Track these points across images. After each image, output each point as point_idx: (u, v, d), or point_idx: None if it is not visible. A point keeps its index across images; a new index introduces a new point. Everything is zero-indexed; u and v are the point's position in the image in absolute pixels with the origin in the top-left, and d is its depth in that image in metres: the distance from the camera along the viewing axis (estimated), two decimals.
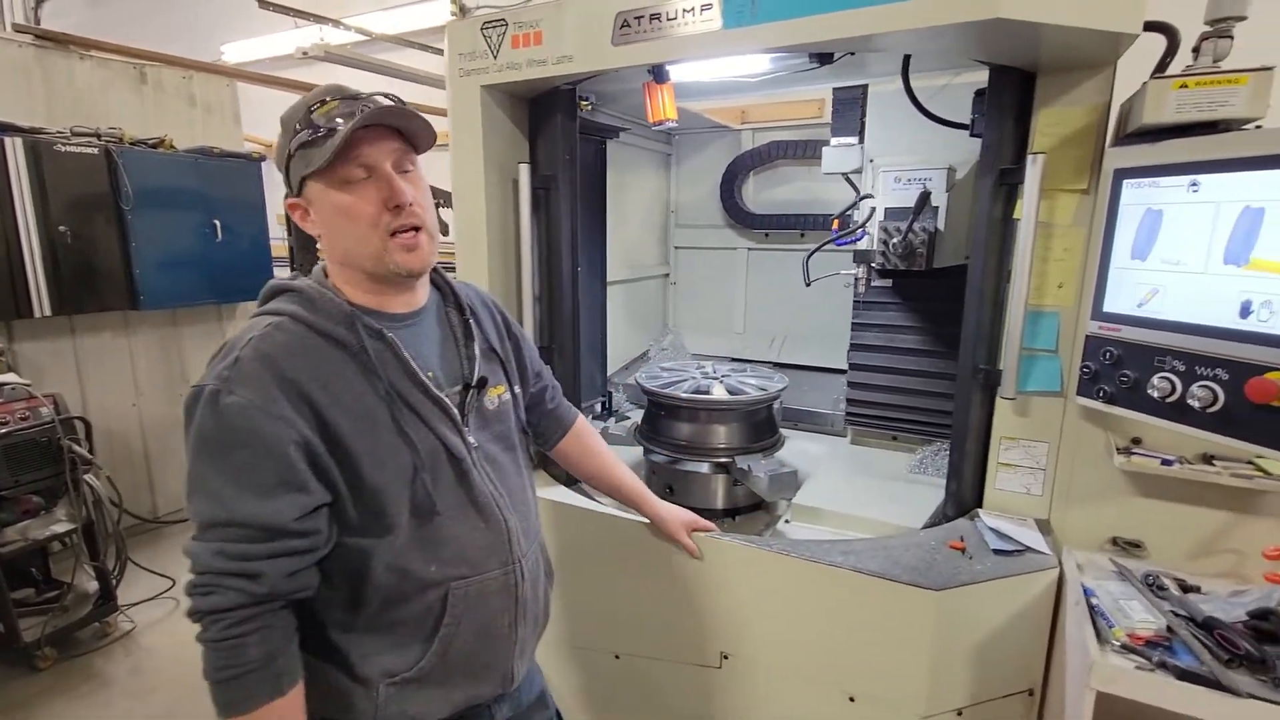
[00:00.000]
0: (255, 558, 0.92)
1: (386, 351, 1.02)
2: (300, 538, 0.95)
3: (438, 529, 1.05)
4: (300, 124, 0.98)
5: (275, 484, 0.92)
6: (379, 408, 1.00)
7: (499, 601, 1.12)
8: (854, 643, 1.47)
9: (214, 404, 0.91)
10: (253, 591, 0.92)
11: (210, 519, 0.92)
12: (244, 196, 3.86)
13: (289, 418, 0.92)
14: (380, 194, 0.98)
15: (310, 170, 0.97)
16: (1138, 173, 1.30)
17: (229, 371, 0.92)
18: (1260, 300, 1.12)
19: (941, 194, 1.92)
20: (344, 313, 1.00)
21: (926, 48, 1.42)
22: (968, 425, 1.64)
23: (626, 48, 1.47)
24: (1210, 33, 1.23)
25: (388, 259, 1.00)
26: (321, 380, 0.96)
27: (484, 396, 1.15)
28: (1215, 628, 1.16)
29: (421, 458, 1.02)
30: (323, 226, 1.02)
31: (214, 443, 0.92)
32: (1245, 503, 1.40)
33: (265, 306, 1.04)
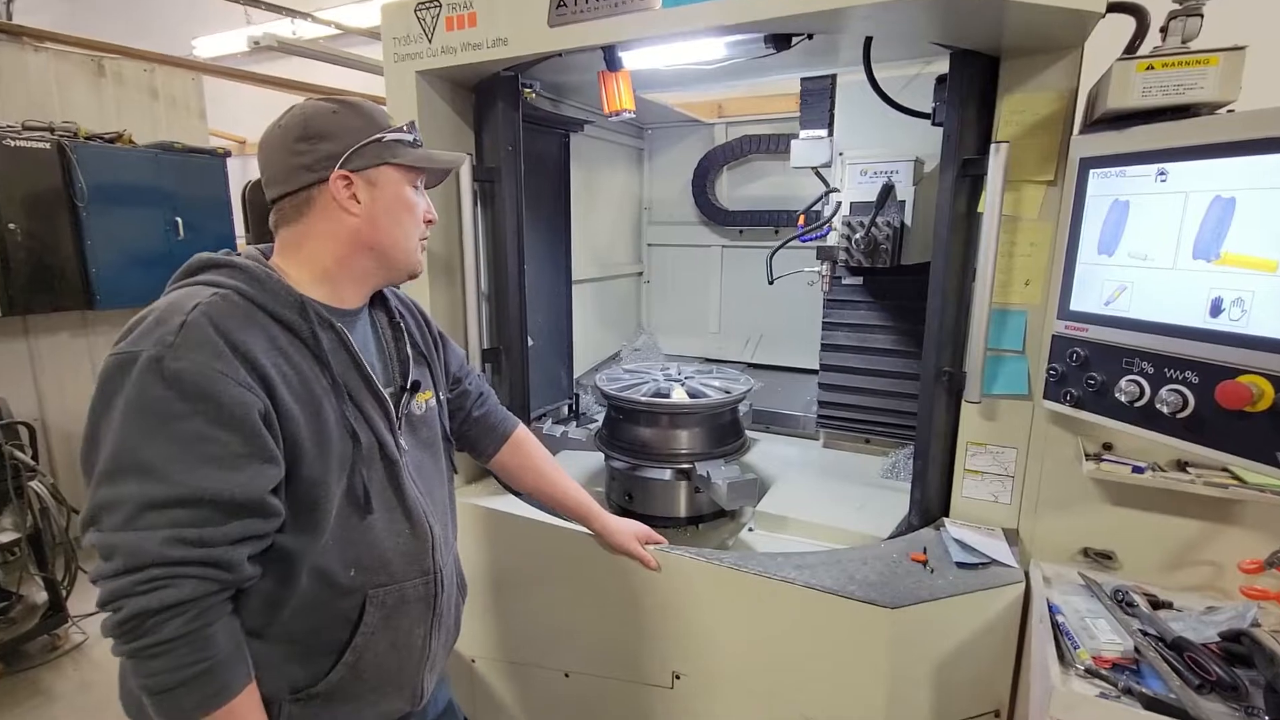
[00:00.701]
0: (218, 542, 0.83)
1: (335, 342, 0.98)
2: (263, 517, 0.87)
3: (364, 531, 0.99)
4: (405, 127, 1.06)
5: (240, 454, 0.84)
6: (325, 397, 0.95)
7: (416, 611, 1.07)
8: (809, 662, 1.38)
9: (156, 370, 0.81)
10: (222, 580, 0.84)
11: (151, 500, 0.80)
12: (209, 193, 3.75)
13: (251, 385, 0.85)
14: (424, 207, 1.09)
15: (398, 160, 1.02)
16: (1104, 161, 1.22)
17: (174, 337, 0.82)
18: (1231, 298, 1.03)
19: (908, 187, 1.83)
20: (294, 297, 0.95)
21: (884, 29, 1.33)
22: (932, 430, 1.56)
23: (563, 29, 1.38)
24: (1179, 10, 1.14)
25: (415, 258, 1.08)
26: (273, 358, 0.89)
27: (413, 401, 1.11)
28: (1185, 649, 1.08)
29: (362, 453, 0.97)
30: (378, 207, 1.01)
31: (158, 413, 0.80)
32: (1222, 512, 1.32)
33: (196, 278, 0.94)
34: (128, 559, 0.79)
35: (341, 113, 1.00)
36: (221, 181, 3.84)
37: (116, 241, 3.34)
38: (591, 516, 1.48)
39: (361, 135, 0.99)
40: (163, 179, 3.51)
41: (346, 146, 0.98)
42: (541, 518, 1.70)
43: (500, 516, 1.71)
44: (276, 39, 2.54)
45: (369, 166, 1.00)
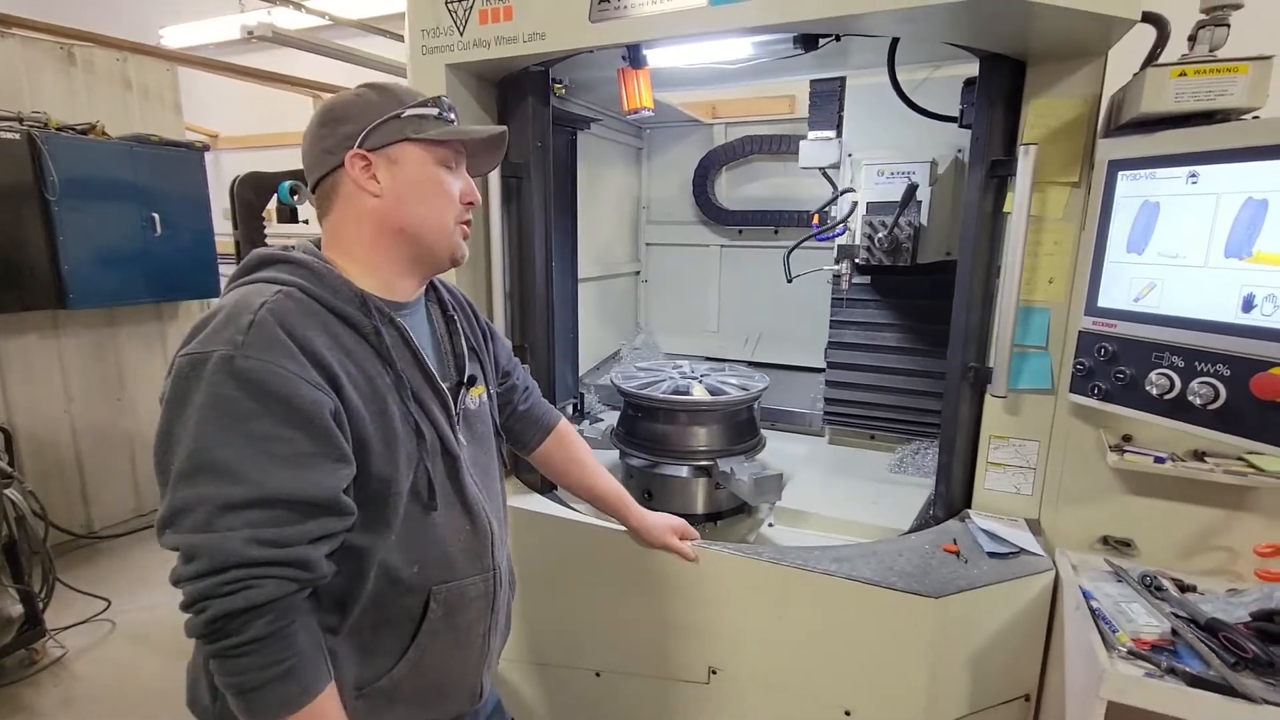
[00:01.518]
0: (297, 541, 0.82)
1: (396, 337, 0.97)
2: (339, 516, 0.86)
3: (428, 528, 0.98)
4: (427, 103, 1.00)
5: (315, 454, 0.83)
6: (389, 393, 0.93)
7: (476, 609, 1.06)
8: (849, 654, 1.40)
9: (229, 369, 0.80)
10: (302, 579, 0.83)
11: (230, 501, 0.79)
12: (186, 188, 3.62)
13: (321, 384, 0.84)
14: (462, 187, 1.03)
15: (420, 135, 0.97)
16: (1134, 164, 1.27)
17: (243, 336, 0.81)
18: (1264, 294, 1.09)
19: (925, 188, 1.88)
20: (355, 292, 0.94)
21: (919, 30, 1.36)
22: (957, 424, 1.60)
23: (605, 25, 1.38)
24: (1206, 21, 1.20)
25: (452, 241, 1.02)
26: (338, 357, 0.88)
27: (468, 396, 1.10)
28: (1219, 630, 1.13)
29: (428, 448, 0.96)
30: (401, 187, 0.97)
31: (232, 412, 0.80)
32: (1236, 499, 1.38)
33: (257, 275, 0.93)
34: (211, 560, 0.79)
35: (363, 93, 0.99)
36: (199, 176, 3.70)
37: (90, 238, 3.19)
38: (628, 511, 1.48)
39: (380, 112, 0.96)
40: (138, 173, 3.37)
41: (364, 126, 0.96)
42: (570, 516, 1.69)
43: (528, 515, 1.70)
44: (273, 29, 2.46)
45: (388, 144, 0.96)
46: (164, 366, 3.82)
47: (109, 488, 3.64)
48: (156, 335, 3.85)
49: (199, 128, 4.62)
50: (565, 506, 1.75)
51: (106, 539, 3.57)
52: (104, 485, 3.61)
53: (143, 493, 3.80)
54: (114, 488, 3.67)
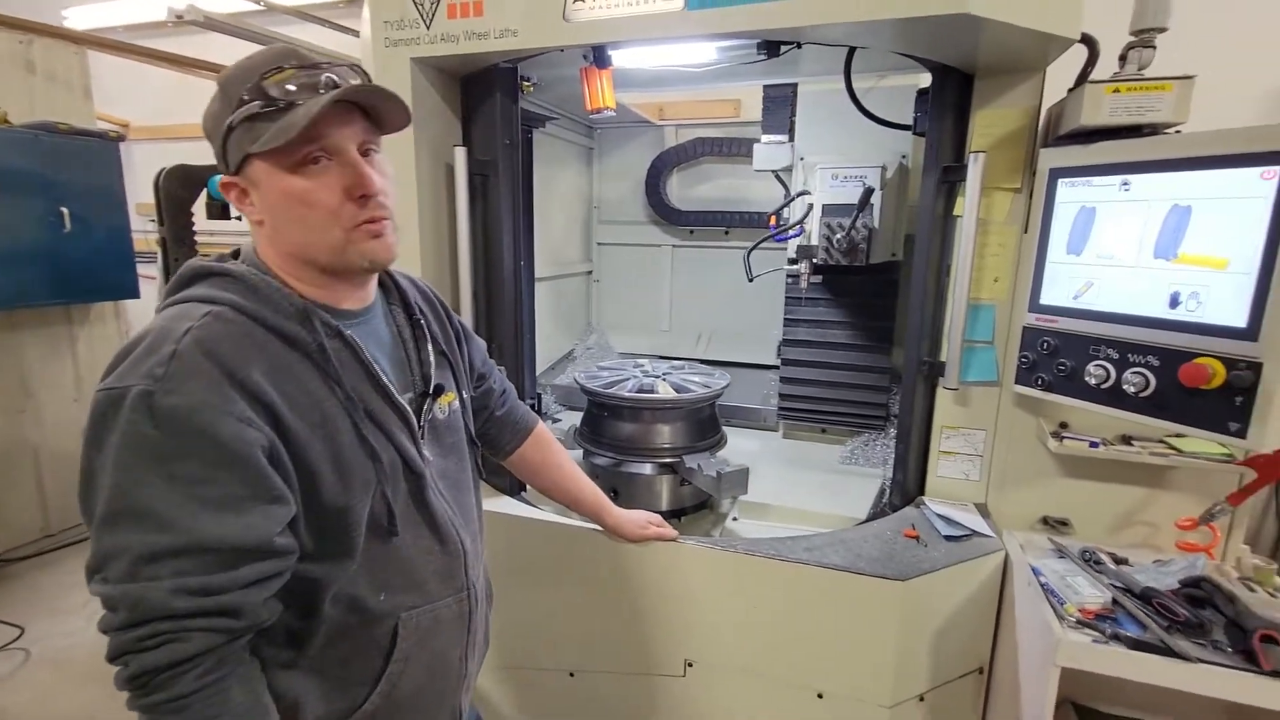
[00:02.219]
0: (227, 589, 0.76)
1: (345, 352, 0.89)
2: (276, 557, 0.80)
3: (391, 552, 0.93)
4: (249, 93, 0.82)
5: (245, 496, 0.77)
6: (338, 415, 0.86)
7: (452, 632, 1.02)
8: (822, 638, 1.46)
9: (148, 407, 0.74)
10: (231, 629, 0.77)
11: (153, 550, 0.74)
12: (98, 182, 3.34)
13: (250, 419, 0.77)
14: (344, 182, 0.85)
15: (261, 148, 0.82)
16: (1072, 172, 1.38)
17: (164, 368, 0.75)
18: (1188, 292, 1.20)
19: (877, 192, 1.97)
20: (296, 306, 0.86)
21: (877, 41, 1.42)
22: (913, 416, 1.68)
23: (579, 24, 1.38)
24: (1135, 42, 1.32)
25: (351, 251, 0.87)
26: (275, 381, 0.81)
27: (435, 406, 1.03)
28: (1153, 597, 1.25)
29: (385, 471, 0.90)
30: (268, 213, 0.87)
31: (154, 454, 0.74)
32: (1158, 479, 1.52)
33: (188, 292, 0.86)
34: (131, 612, 0.74)
35: (212, 99, 0.86)
36: (114, 168, 3.43)
37: None
38: (605, 512, 1.48)
39: (220, 125, 0.84)
40: (45, 164, 3.10)
41: (219, 147, 0.86)
42: (540, 516, 1.68)
43: (497, 518, 1.67)
44: (202, 13, 2.31)
45: (241, 164, 0.85)
46: (74, 373, 3.58)
47: (12, 507, 3.32)
48: (65, 339, 3.54)
49: (110, 116, 4.28)
50: (534, 507, 1.74)
51: (12, 562, 3.26)
52: (6, 504, 3.29)
53: (51, 511, 3.49)
54: (18, 507, 3.35)
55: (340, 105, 0.84)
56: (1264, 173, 1.08)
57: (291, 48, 0.88)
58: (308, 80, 0.83)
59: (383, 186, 0.88)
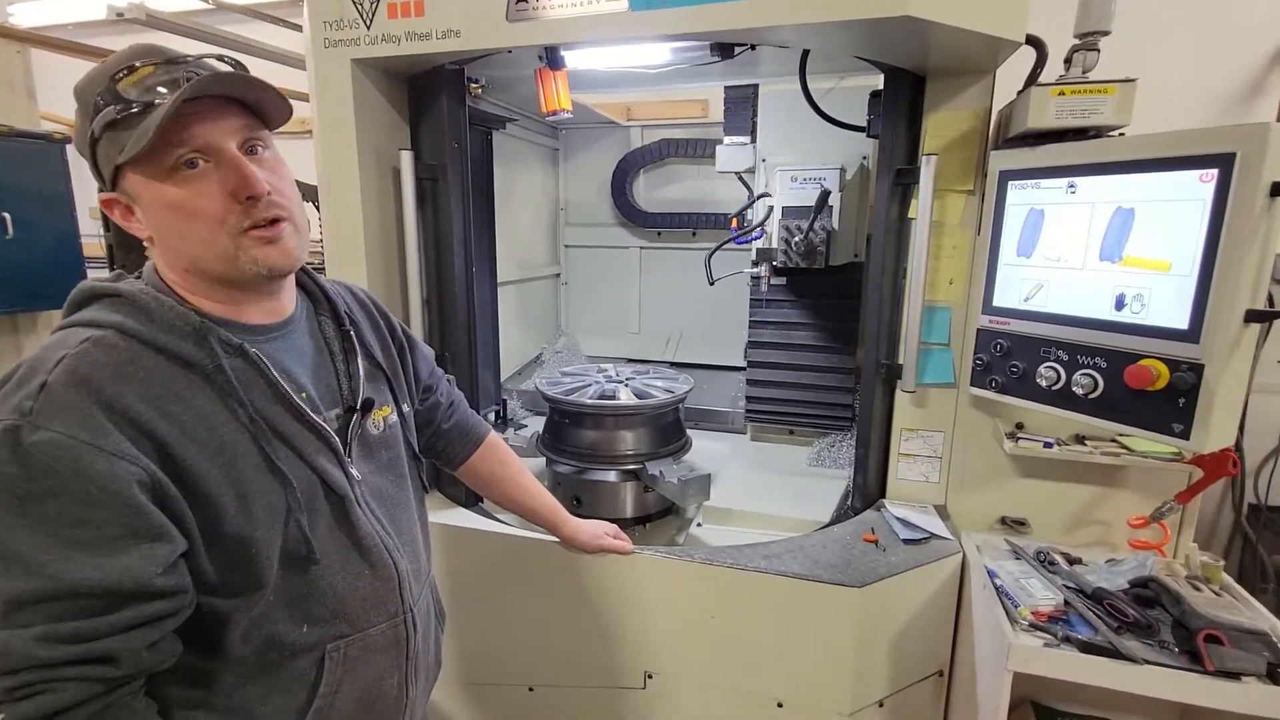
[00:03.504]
0: (100, 635, 0.71)
1: (249, 370, 0.84)
2: (161, 599, 0.75)
3: (313, 581, 0.88)
4: (104, 97, 0.76)
5: (120, 536, 0.72)
6: (241, 440, 0.81)
7: (386, 660, 0.97)
8: (781, 647, 1.45)
9: (13, 444, 0.69)
10: (108, 677, 0.72)
11: (19, 595, 0.69)
12: (43, 185, 3.22)
13: (126, 452, 0.72)
14: (226, 184, 0.79)
15: (125, 158, 0.75)
16: (1021, 174, 1.38)
17: (33, 402, 0.70)
18: (1133, 294, 1.21)
19: (836, 193, 1.96)
20: (192, 324, 0.80)
21: (828, 43, 1.41)
22: (872, 419, 1.68)
23: (522, 25, 1.34)
24: (1080, 45, 1.32)
25: (243, 259, 0.81)
26: (162, 408, 0.75)
27: (367, 421, 0.98)
28: (1104, 598, 1.25)
29: (297, 497, 0.84)
30: (154, 228, 0.81)
31: (18, 493, 0.69)
32: (1111, 478, 1.53)
33: (76, 316, 0.81)
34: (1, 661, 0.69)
35: (76, 111, 0.80)
36: (59, 171, 3.31)
37: None
38: (560, 522, 1.45)
39: (85, 138, 0.79)
40: None
41: (91, 163, 0.80)
42: (496, 529, 1.64)
43: (453, 531, 1.63)
44: (145, 11, 2.23)
45: (114, 179, 0.80)
46: None
47: None
48: (12, 349, 3.40)
49: (56, 117, 4.12)
50: (491, 519, 1.70)
51: None
52: None
53: None
54: None
55: (213, 101, 0.78)
56: (1202, 175, 1.09)
57: (151, 45, 0.82)
58: (166, 77, 0.77)
59: (274, 185, 0.82)
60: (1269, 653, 1.09)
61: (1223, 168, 1.07)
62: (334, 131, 1.50)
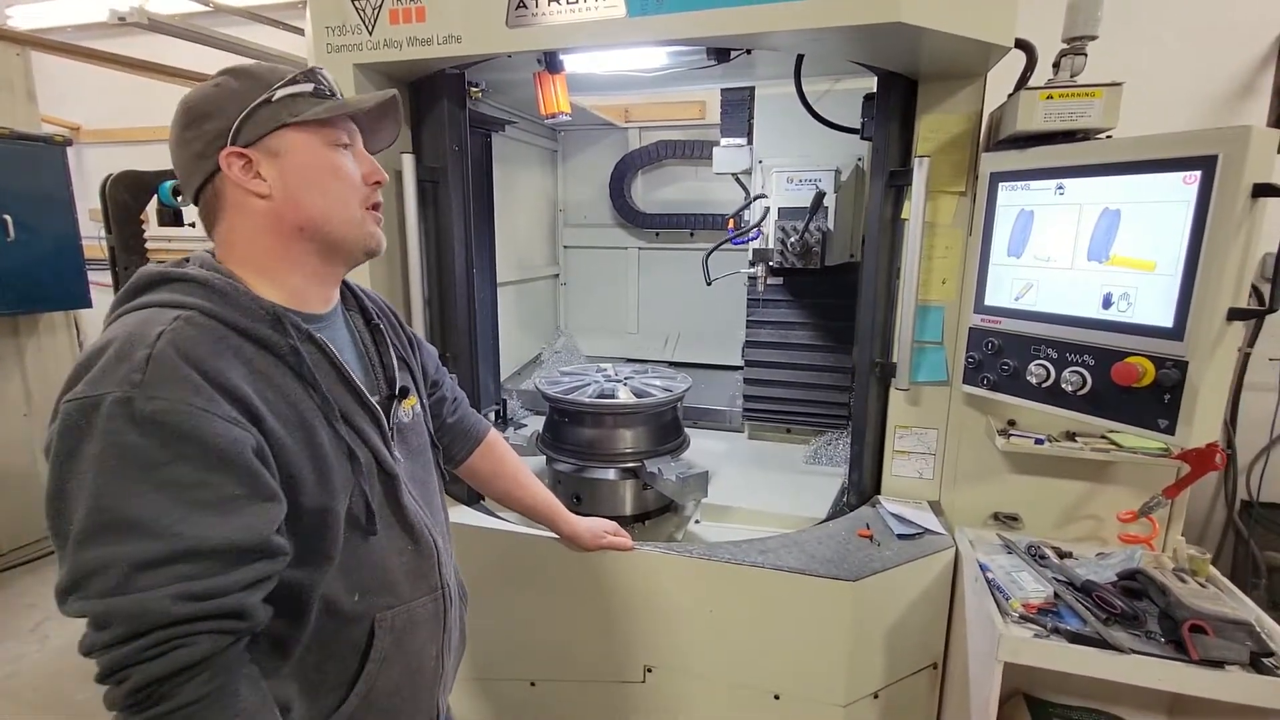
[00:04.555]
0: (231, 590, 0.74)
1: (317, 354, 0.89)
2: (272, 558, 0.79)
3: (368, 554, 0.93)
4: (303, 77, 0.90)
5: (240, 495, 0.75)
6: (316, 418, 0.86)
7: (428, 631, 1.02)
8: (777, 640, 1.47)
9: (128, 414, 0.71)
10: (239, 630, 0.76)
11: (146, 558, 0.71)
12: (45, 187, 3.24)
13: (238, 419, 0.76)
14: (363, 167, 0.95)
15: (298, 119, 0.87)
16: (1011, 176, 1.41)
17: (141, 374, 0.72)
18: (1119, 293, 1.24)
19: (831, 195, 1.99)
20: (266, 309, 0.85)
21: (821, 49, 1.44)
22: (866, 417, 1.71)
23: (521, 30, 1.37)
24: (1068, 50, 1.35)
25: (364, 230, 0.94)
26: (255, 385, 0.80)
27: (400, 408, 1.04)
28: (1093, 590, 1.28)
29: (362, 472, 0.90)
30: (287, 181, 0.88)
31: (140, 460, 0.71)
32: (1101, 473, 1.56)
33: (147, 298, 0.83)
34: (130, 624, 0.71)
35: (223, 83, 0.88)
36: (60, 174, 3.32)
37: None
38: (559, 519, 1.47)
39: (247, 100, 0.87)
40: None
41: (232, 119, 0.86)
42: (498, 526, 1.67)
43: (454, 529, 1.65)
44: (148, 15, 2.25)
45: (265, 134, 0.87)
46: (22, 385, 3.46)
47: None
48: (13, 351, 3.42)
49: (57, 119, 4.14)
50: (493, 516, 1.73)
51: None
52: None
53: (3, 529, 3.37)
54: None
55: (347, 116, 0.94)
56: (1185, 177, 1.12)
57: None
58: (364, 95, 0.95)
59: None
60: (1252, 642, 1.12)
61: (1205, 170, 1.10)
62: None
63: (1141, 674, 1.14)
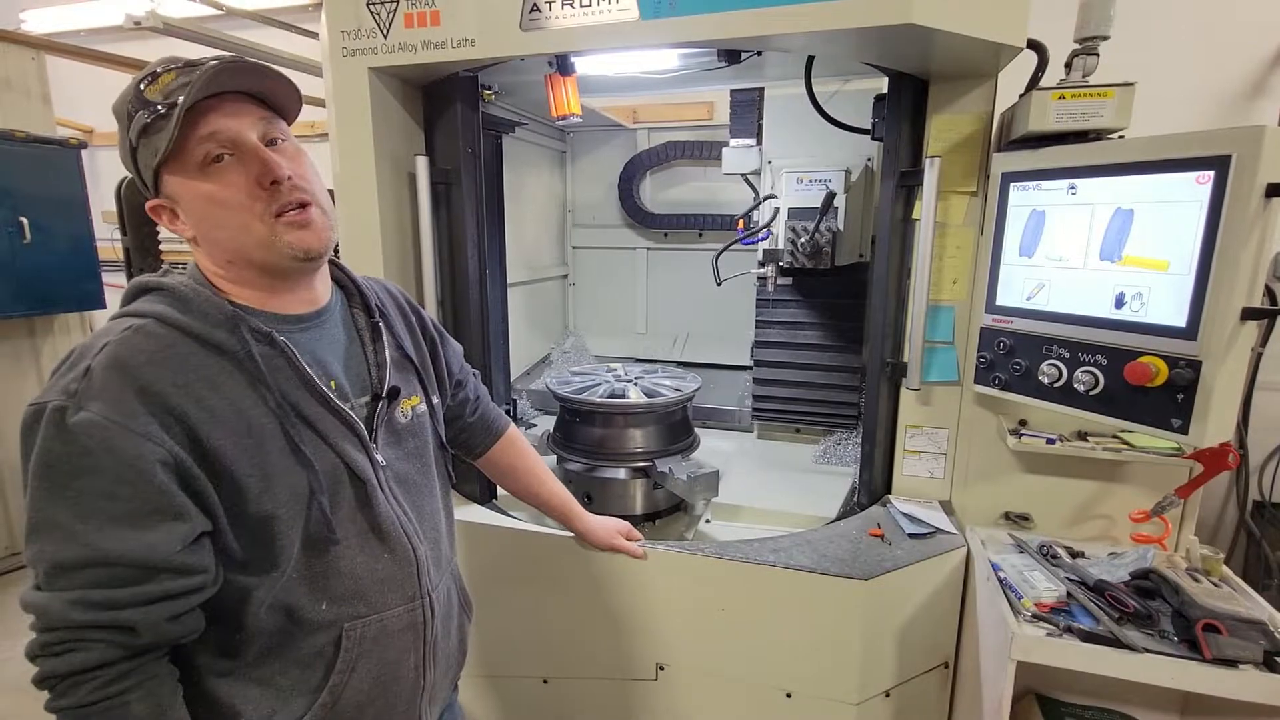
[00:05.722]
0: (126, 604, 0.78)
1: (278, 358, 0.89)
2: (181, 575, 0.81)
3: (333, 561, 0.92)
4: (133, 105, 0.83)
5: (145, 512, 0.78)
6: (268, 423, 0.86)
7: (403, 641, 1.00)
8: (789, 639, 1.48)
9: (59, 423, 0.76)
10: (126, 644, 0.79)
11: (61, 561, 0.76)
12: (60, 190, 3.28)
13: (153, 434, 0.78)
14: (250, 172, 0.84)
15: (160, 160, 0.82)
16: (1023, 176, 1.41)
17: (78, 385, 0.77)
18: (1132, 292, 1.24)
19: (841, 195, 1.99)
20: (225, 313, 0.86)
21: (833, 50, 1.45)
22: (877, 416, 1.71)
23: (535, 34, 1.38)
24: (1080, 50, 1.35)
25: (279, 243, 0.86)
26: (193, 392, 0.81)
27: (395, 409, 1.03)
28: (1105, 590, 1.28)
29: (319, 480, 0.89)
30: (194, 224, 0.87)
31: (62, 469, 0.76)
32: (1112, 473, 1.56)
33: (127, 307, 0.87)
34: (40, 619, 0.78)
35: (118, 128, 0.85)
36: (75, 176, 3.37)
37: None
38: (574, 516, 1.49)
39: (127, 147, 0.84)
40: (3, 174, 3.03)
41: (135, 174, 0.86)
42: (509, 524, 1.68)
43: (467, 527, 1.67)
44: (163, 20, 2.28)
45: (157, 184, 0.85)
46: (37, 385, 3.49)
47: None
48: (29, 352, 3.46)
49: (71, 122, 4.19)
50: (504, 515, 1.74)
51: None
52: None
53: (16, 529, 3.41)
54: None
55: (231, 98, 0.84)
56: (1198, 177, 1.12)
57: (173, 56, 0.87)
58: (187, 80, 0.81)
59: (295, 171, 0.87)
60: (1266, 641, 1.12)
61: (1219, 169, 1.10)
62: (351, 138, 1.54)
63: (1155, 673, 1.14)
